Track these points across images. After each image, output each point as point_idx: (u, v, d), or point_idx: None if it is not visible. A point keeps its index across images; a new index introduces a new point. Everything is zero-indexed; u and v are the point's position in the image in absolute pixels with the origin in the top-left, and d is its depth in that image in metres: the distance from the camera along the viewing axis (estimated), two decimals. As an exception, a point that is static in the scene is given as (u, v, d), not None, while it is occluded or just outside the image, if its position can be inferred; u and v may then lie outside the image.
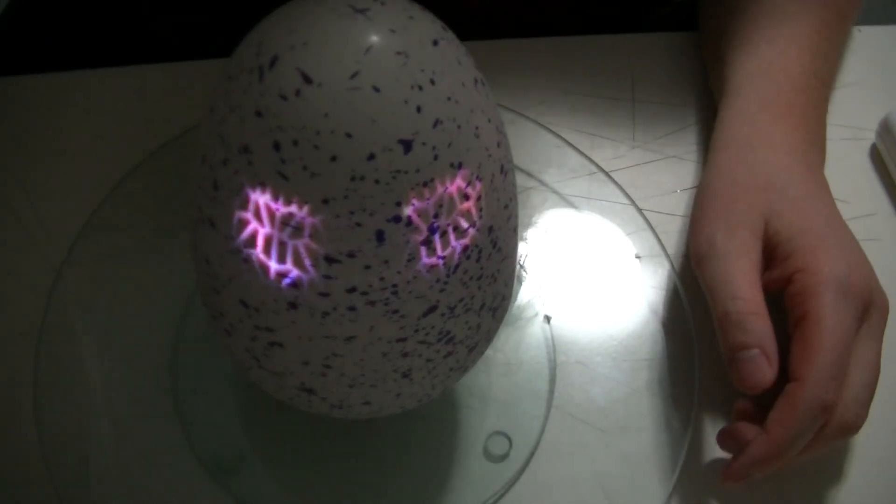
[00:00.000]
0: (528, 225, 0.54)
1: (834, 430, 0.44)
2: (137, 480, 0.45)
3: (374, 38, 0.33)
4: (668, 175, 0.56)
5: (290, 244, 0.34)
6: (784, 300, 0.46)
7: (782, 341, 0.45)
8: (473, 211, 0.35)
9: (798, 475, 0.47)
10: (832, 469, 0.47)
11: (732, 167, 0.50)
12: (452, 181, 0.34)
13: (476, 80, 0.36)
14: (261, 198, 0.34)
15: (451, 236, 0.35)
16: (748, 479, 0.44)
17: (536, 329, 0.50)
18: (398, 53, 0.33)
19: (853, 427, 0.44)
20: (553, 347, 0.50)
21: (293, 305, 0.36)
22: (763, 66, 0.53)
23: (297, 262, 0.34)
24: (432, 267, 0.35)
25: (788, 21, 0.54)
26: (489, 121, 0.36)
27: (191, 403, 0.47)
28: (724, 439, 0.46)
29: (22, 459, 0.45)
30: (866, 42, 0.62)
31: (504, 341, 0.49)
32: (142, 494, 0.45)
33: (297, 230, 0.34)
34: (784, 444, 0.43)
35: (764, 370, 0.44)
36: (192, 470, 0.45)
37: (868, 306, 0.45)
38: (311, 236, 0.34)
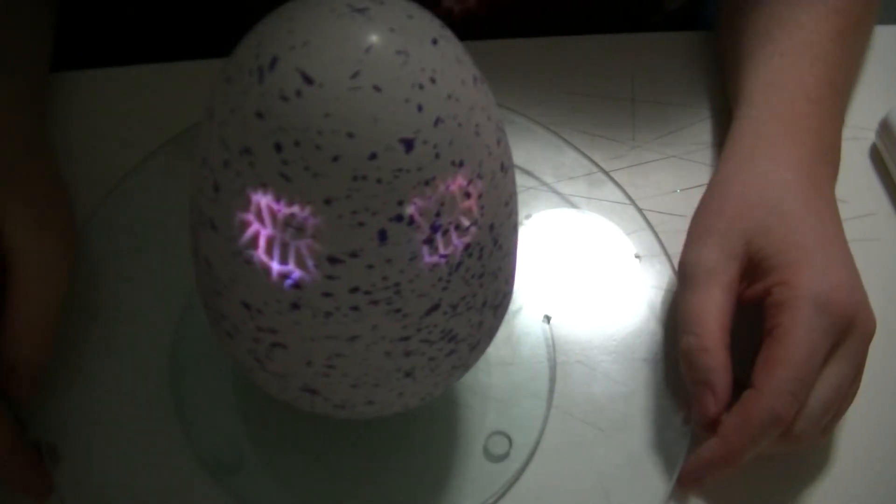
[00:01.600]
0: (529, 225, 0.54)
1: (779, 438, 0.44)
2: (137, 480, 0.45)
3: (374, 38, 0.33)
4: (668, 175, 0.56)
5: (293, 245, 0.34)
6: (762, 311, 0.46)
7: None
8: (475, 209, 0.35)
9: (797, 478, 0.47)
10: (832, 471, 0.47)
11: (729, 181, 0.49)
12: (454, 179, 0.34)
13: (475, 78, 0.36)
14: (263, 199, 0.34)
15: (453, 234, 0.35)
16: (701, 483, 0.45)
17: (536, 329, 0.50)
18: (398, 52, 0.33)
19: (797, 440, 0.44)
20: (553, 347, 0.50)
21: (296, 306, 0.36)
22: (776, 76, 0.52)
23: (300, 263, 0.34)
24: (435, 265, 0.35)
25: (801, 30, 0.53)
26: (489, 118, 0.36)
27: (191, 403, 0.47)
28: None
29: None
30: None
31: (504, 341, 0.49)
32: (142, 494, 0.45)
33: (300, 231, 0.34)
34: (735, 449, 0.44)
35: (708, 405, 0.44)
36: (192, 470, 0.45)
37: (848, 327, 0.44)
38: (313, 236, 0.34)
